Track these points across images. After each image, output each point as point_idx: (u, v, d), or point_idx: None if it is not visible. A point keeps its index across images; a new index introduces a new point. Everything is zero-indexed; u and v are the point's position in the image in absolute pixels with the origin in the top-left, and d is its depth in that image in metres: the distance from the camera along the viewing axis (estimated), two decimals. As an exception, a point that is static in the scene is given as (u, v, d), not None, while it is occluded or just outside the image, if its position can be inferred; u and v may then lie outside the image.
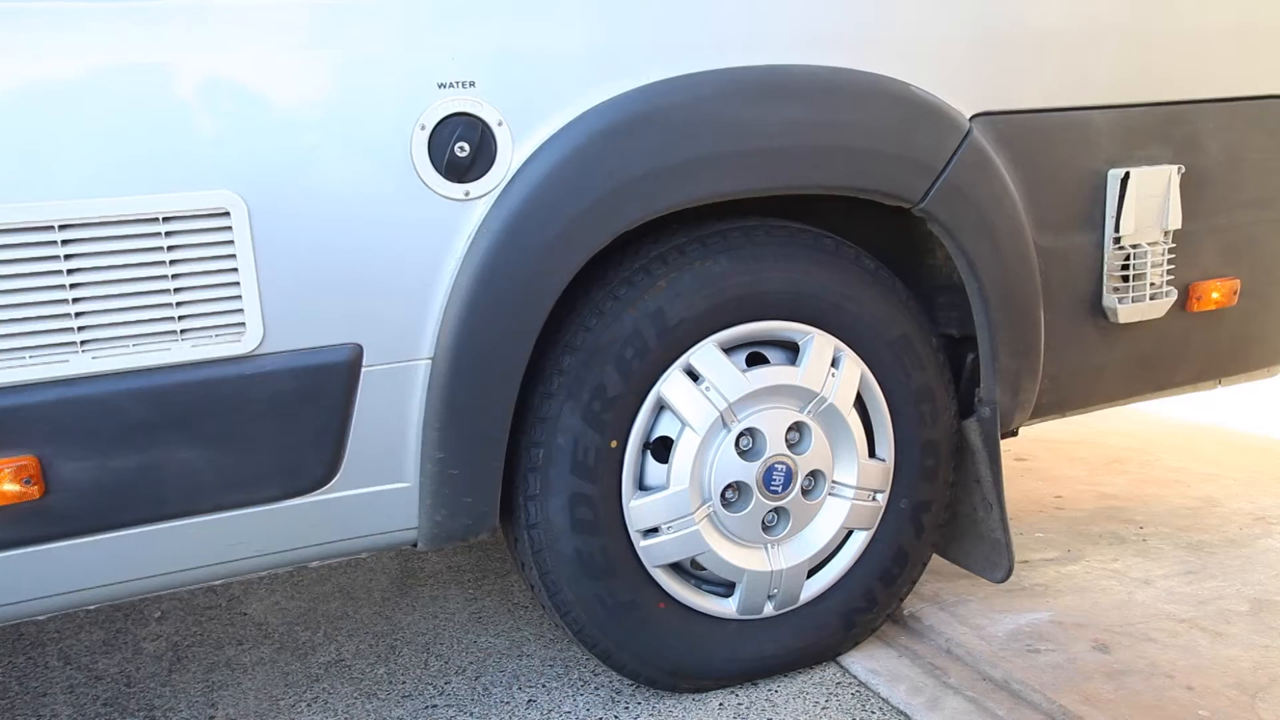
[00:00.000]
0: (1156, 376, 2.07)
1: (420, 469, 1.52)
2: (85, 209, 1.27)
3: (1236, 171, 2.04)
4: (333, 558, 1.56)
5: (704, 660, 1.77)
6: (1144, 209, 1.91)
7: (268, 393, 1.39)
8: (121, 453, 1.33)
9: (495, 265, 1.46)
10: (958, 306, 1.89)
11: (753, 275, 1.64)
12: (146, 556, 1.41)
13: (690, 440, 1.64)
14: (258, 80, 1.33)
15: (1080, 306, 1.92)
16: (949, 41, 1.71)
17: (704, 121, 1.53)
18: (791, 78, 1.59)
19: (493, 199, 1.46)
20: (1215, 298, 2.07)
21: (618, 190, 1.50)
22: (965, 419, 1.88)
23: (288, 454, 1.42)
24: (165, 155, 1.30)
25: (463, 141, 1.42)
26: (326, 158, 1.37)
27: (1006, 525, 1.87)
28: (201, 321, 1.35)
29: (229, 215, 1.33)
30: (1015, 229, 1.78)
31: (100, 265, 1.29)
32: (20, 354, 1.27)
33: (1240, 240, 2.08)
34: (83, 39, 1.25)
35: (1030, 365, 1.85)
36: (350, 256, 1.41)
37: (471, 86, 1.43)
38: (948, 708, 1.74)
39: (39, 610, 1.40)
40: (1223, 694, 1.74)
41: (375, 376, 1.45)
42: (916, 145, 1.67)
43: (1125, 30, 1.86)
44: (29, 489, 1.30)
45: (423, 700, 1.86)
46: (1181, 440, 3.26)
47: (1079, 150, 1.85)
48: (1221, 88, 2.00)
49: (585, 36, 1.48)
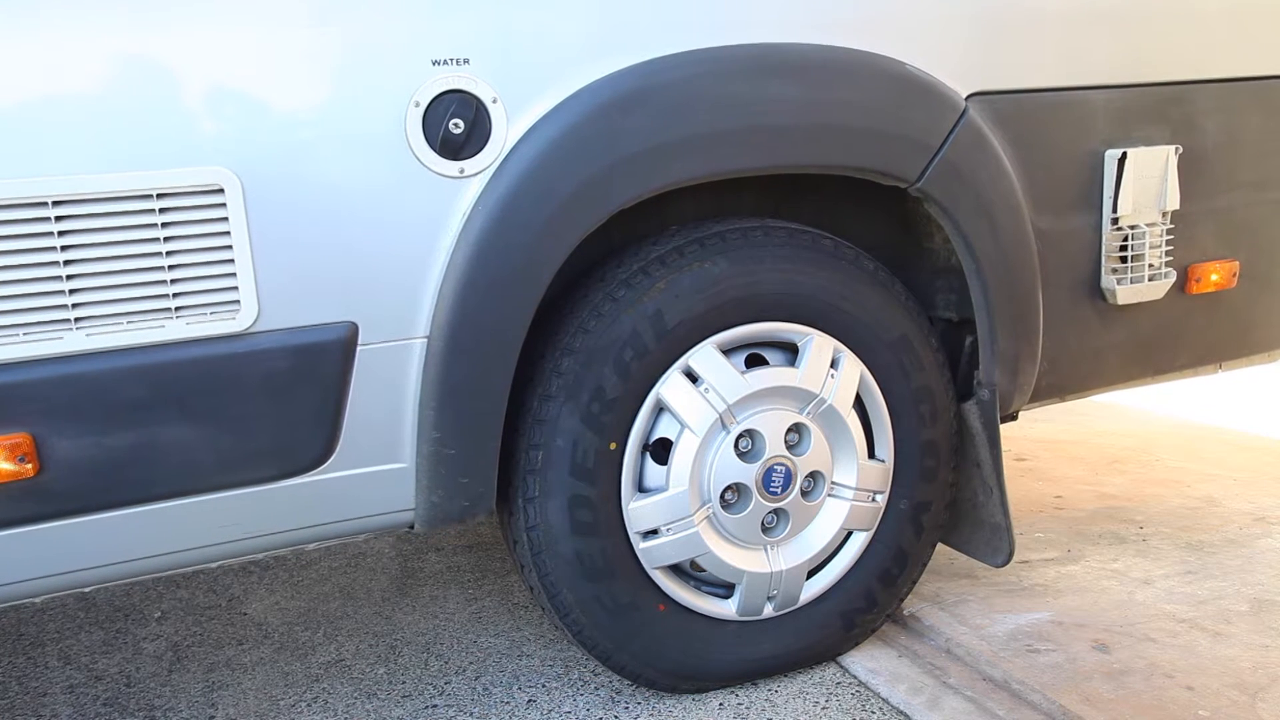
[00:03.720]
0: (1156, 360, 2.07)
1: (416, 449, 1.51)
2: (79, 185, 1.26)
3: (1235, 153, 2.03)
4: (329, 539, 1.55)
5: (704, 661, 1.77)
6: (1142, 190, 1.91)
7: (262, 371, 1.38)
8: (116, 431, 1.33)
9: (491, 243, 1.45)
10: (956, 290, 1.89)
11: (751, 277, 1.64)
12: (141, 537, 1.40)
13: (689, 442, 1.64)
14: (252, 57, 1.33)
15: (1079, 288, 1.91)
16: (945, 20, 1.71)
17: (699, 99, 1.53)
18: (787, 56, 1.59)
19: (488, 176, 1.46)
20: (1214, 280, 2.06)
21: (613, 168, 1.50)
22: (964, 402, 1.88)
23: (283, 434, 1.42)
24: (159, 131, 1.30)
25: (457, 118, 1.42)
26: (321, 135, 1.37)
27: (1007, 509, 1.86)
28: (196, 299, 1.34)
29: (223, 192, 1.33)
30: (1013, 209, 1.78)
31: (94, 242, 1.28)
32: (14, 331, 1.27)
33: (1239, 222, 2.08)
34: (77, 15, 1.25)
35: (1029, 347, 1.85)
36: (345, 234, 1.40)
37: (466, 63, 1.42)
38: (948, 708, 1.74)
39: (33, 591, 1.39)
40: (1223, 694, 1.74)
41: (371, 355, 1.45)
42: (912, 124, 1.67)
43: (1122, 10, 1.86)
44: (24, 467, 1.30)
45: (423, 700, 1.87)
46: (1181, 440, 3.26)
47: (1076, 130, 1.85)
48: (1219, 68, 1.99)
49: (580, 13, 1.48)
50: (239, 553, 1.49)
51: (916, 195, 1.73)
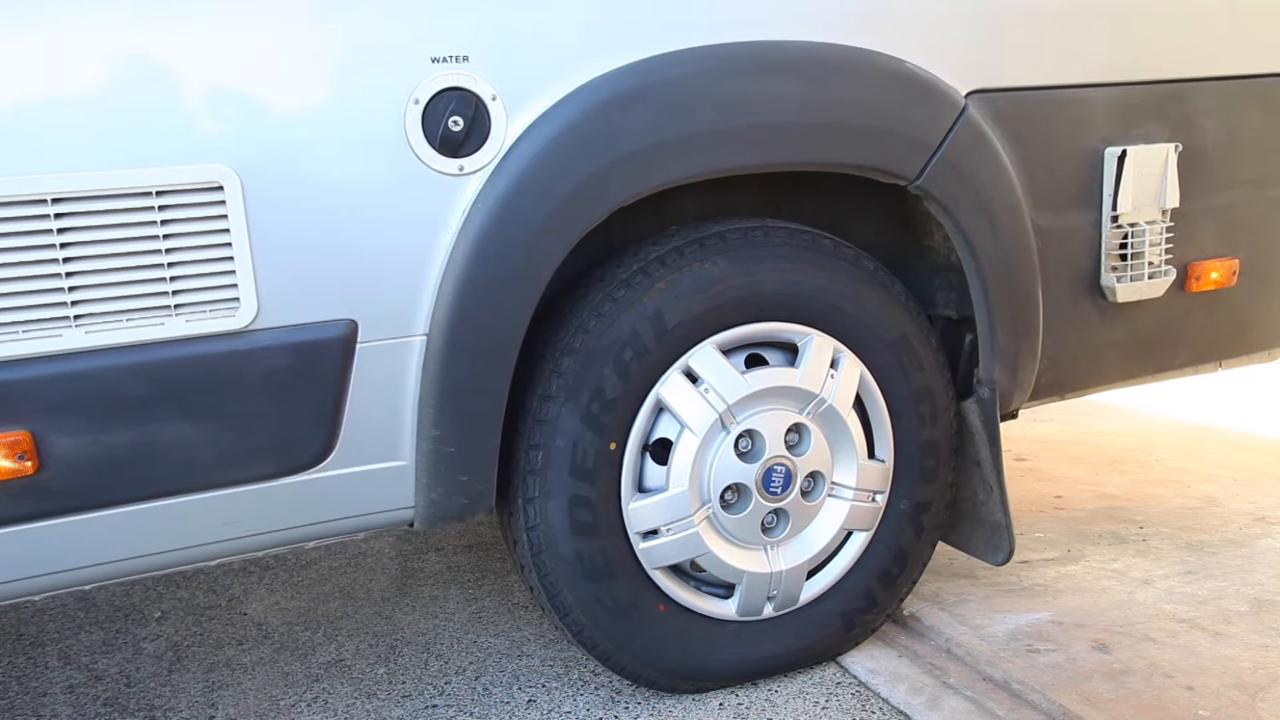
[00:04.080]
0: (1156, 358, 2.07)
1: (416, 447, 1.51)
2: (78, 182, 1.26)
3: (1235, 151, 2.03)
4: (328, 538, 1.55)
5: (704, 661, 1.77)
6: (1141, 187, 1.91)
7: (262, 369, 1.38)
8: (115, 429, 1.33)
9: (490, 241, 1.45)
10: (955, 288, 1.89)
11: (751, 277, 1.64)
12: (141, 535, 1.40)
13: (689, 442, 1.64)
14: (251, 54, 1.33)
15: (1079, 286, 1.91)
16: (944, 18, 1.71)
17: (698, 97, 1.53)
18: (786, 53, 1.59)
19: (487, 174, 1.46)
20: (1214, 278, 2.06)
21: (612, 165, 1.50)
22: (964, 400, 1.88)
23: (282, 431, 1.42)
24: (158, 129, 1.30)
25: (456, 116, 1.42)
26: (320, 132, 1.37)
27: (1007, 507, 1.86)
28: (195, 296, 1.34)
29: (222, 189, 1.33)
30: (1012, 207, 1.78)
31: (94, 239, 1.28)
32: (13, 328, 1.27)
33: (1239, 220, 2.08)
34: (77, 12, 1.25)
35: (1029, 345, 1.85)
36: (344, 232, 1.40)
37: (465, 61, 1.42)
38: (948, 708, 1.74)
39: (33, 590, 1.39)
40: (1223, 694, 1.74)
41: (370, 353, 1.45)
42: (911, 122, 1.67)
43: (1122, 7, 1.86)
44: (23, 465, 1.30)
45: (423, 700, 1.87)
46: (1181, 440, 3.26)
47: (1076, 128, 1.85)
48: (1219, 66, 1.99)
49: (579, 11, 1.48)
50: (239, 551, 1.48)
51: (916, 193, 1.73)
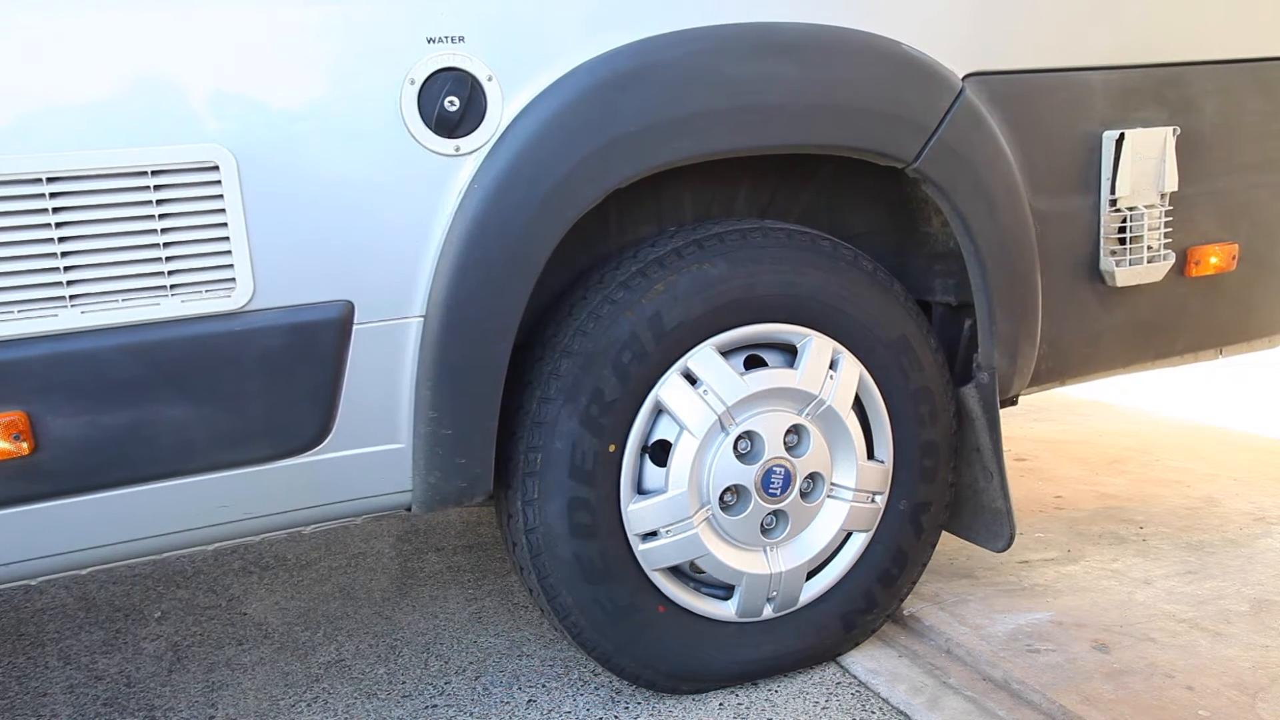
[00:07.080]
0: (1156, 344, 2.06)
1: (413, 429, 1.50)
2: (73, 161, 1.26)
3: (1234, 135, 2.03)
4: (326, 521, 1.54)
5: (704, 662, 1.77)
6: (1140, 171, 1.90)
7: (258, 350, 1.38)
8: (111, 410, 1.33)
9: (486, 222, 1.45)
10: (954, 274, 1.89)
11: (750, 278, 1.64)
12: (137, 518, 1.40)
13: (688, 444, 1.64)
14: (247, 33, 1.32)
15: (1077, 270, 1.91)
16: (942, 0, 1.71)
17: (696, 77, 1.53)
18: (783, 34, 1.59)
19: (483, 155, 1.46)
20: (1214, 262, 2.05)
21: (609, 146, 1.49)
22: (963, 386, 1.87)
23: (278, 413, 1.41)
24: (154, 108, 1.29)
25: (452, 96, 1.42)
26: (316, 113, 1.37)
27: (1007, 493, 1.86)
28: (191, 276, 1.34)
29: (218, 169, 1.32)
30: (1010, 190, 1.77)
31: (89, 219, 1.28)
32: (8, 308, 1.27)
33: (1238, 204, 2.07)
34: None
35: (1028, 330, 1.84)
36: (341, 212, 1.40)
37: (461, 41, 1.42)
38: (948, 708, 1.74)
39: (28, 573, 1.39)
40: (1223, 694, 1.74)
41: (367, 334, 1.44)
42: (909, 104, 1.67)
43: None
44: (19, 445, 1.29)
45: (423, 700, 1.87)
46: (1181, 440, 3.25)
47: (1074, 111, 1.84)
48: (1218, 49, 1.98)
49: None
50: (235, 535, 1.48)
51: (913, 176, 1.72)
